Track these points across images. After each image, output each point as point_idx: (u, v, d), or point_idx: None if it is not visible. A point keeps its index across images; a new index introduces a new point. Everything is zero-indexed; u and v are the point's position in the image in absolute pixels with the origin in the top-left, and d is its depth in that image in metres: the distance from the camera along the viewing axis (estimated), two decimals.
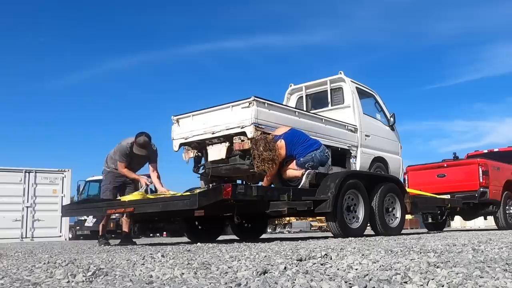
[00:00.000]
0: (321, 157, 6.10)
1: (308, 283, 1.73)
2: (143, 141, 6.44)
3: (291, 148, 5.96)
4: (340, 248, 3.55)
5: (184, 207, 5.12)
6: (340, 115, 7.50)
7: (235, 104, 6.04)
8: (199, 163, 6.75)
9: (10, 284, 1.95)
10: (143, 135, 6.48)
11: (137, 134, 6.53)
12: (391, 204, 6.96)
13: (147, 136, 6.48)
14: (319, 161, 6.08)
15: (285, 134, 6.00)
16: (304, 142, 6.03)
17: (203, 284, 1.81)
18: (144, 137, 6.44)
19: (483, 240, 4.54)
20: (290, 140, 5.96)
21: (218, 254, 3.34)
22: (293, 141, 5.97)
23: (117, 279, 2.03)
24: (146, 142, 6.46)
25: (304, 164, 5.97)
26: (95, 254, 3.96)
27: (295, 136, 6.04)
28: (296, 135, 6.07)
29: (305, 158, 5.97)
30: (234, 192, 4.96)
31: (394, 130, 8.37)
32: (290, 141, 5.95)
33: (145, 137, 6.46)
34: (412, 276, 1.81)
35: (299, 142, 6.01)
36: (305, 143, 6.03)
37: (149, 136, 6.53)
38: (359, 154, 7.37)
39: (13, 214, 16.16)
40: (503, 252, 2.84)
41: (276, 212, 5.72)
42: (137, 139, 6.44)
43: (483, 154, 12.19)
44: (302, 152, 5.98)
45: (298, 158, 5.99)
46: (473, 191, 9.79)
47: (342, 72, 7.76)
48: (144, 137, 6.45)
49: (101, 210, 6.20)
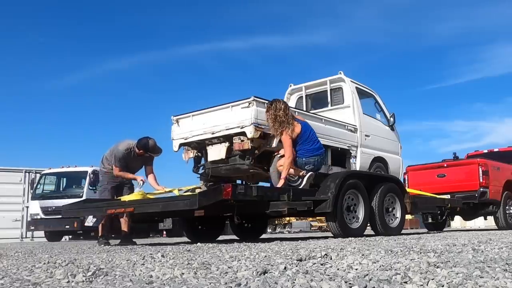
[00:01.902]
0: (320, 164, 6.12)
1: (308, 283, 1.73)
2: (154, 143, 6.67)
3: (300, 140, 5.91)
4: (340, 248, 3.54)
5: (184, 207, 5.12)
6: (340, 115, 7.49)
7: (235, 104, 6.04)
8: (199, 163, 6.75)
9: (10, 284, 1.95)
10: (149, 139, 6.65)
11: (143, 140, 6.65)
12: (391, 204, 6.96)
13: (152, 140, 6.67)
14: (318, 167, 6.09)
15: (303, 122, 6.03)
16: (314, 143, 5.98)
17: (203, 284, 1.81)
18: (152, 140, 6.65)
19: (483, 240, 4.54)
20: (304, 131, 5.92)
21: (218, 254, 3.34)
22: (303, 135, 5.92)
23: (117, 279, 2.03)
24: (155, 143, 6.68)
25: (304, 166, 5.94)
26: (95, 254, 3.96)
27: (307, 131, 5.99)
28: (308, 130, 6.00)
29: (308, 159, 5.92)
30: (234, 192, 4.95)
31: (394, 130, 8.36)
32: (304, 132, 5.91)
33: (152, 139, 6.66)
34: (412, 276, 1.81)
35: (308, 139, 5.95)
36: (314, 144, 5.98)
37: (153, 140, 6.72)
38: (359, 154, 7.36)
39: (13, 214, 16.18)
40: (503, 252, 2.84)
41: (276, 212, 5.71)
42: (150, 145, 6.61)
43: (483, 154, 12.19)
44: (307, 152, 5.92)
45: (301, 156, 5.92)
46: (473, 191, 9.78)
47: (342, 72, 7.76)
48: (152, 140, 6.65)
49: (101, 210, 6.20)
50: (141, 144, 6.61)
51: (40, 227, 14.86)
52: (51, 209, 14.29)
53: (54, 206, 14.18)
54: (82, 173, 15.00)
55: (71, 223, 13.91)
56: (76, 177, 15.35)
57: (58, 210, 13.85)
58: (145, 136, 6.68)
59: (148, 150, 6.62)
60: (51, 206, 14.30)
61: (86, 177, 14.71)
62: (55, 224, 14.21)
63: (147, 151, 6.62)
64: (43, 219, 14.53)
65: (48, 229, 14.81)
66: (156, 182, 6.82)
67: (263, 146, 6.09)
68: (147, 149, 6.61)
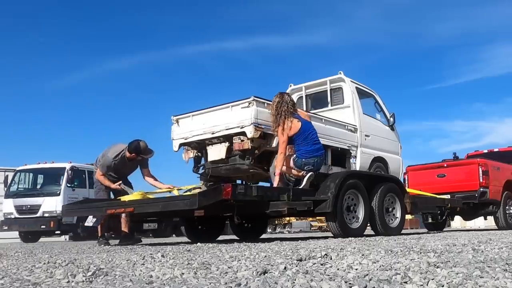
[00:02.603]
0: (320, 165, 6.08)
1: (308, 283, 1.73)
2: (145, 145, 6.66)
3: (299, 139, 5.89)
4: (340, 248, 3.55)
5: (184, 207, 5.13)
6: (340, 115, 7.49)
7: (235, 104, 6.04)
8: (199, 163, 6.75)
9: (10, 284, 1.95)
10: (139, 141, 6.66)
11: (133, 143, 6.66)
12: (391, 204, 6.96)
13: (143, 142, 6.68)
14: (317, 168, 6.05)
15: (305, 121, 6.01)
16: (313, 144, 5.94)
17: (203, 284, 1.81)
18: (142, 142, 6.65)
19: (483, 240, 4.54)
20: (304, 130, 5.89)
21: (218, 254, 3.34)
22: (302, 134, 5.89)
23: (117, 279, 2.03)
24: (146, 145, 6.68)
25: (303, 166, 5.90)
26: (95, 254, 3.96)
27: (307, 130, 5.93)
28: (308, 130, 5.95)
29: (308, 160, 5.87)
30: (234, 192, 4.96)
31: (394, 130, 8.36)
32: (303, 131, 5.88)
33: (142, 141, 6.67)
34: (412, 276, 1.81)
35: (308, 139, 5.90)
36: (314, 145, 5.93)
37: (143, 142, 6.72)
38: (359, 154, 7.36)
39: None
40: (503, 252, 2.84)
41: (276, 212, 5.71)
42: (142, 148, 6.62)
43: (483, 154, 12.19)
44: (306, 153, 5.87)
45: (300, 157, 5.88)
46: (473, 191, 9.78)
47: (342, 72, 7.75)
48: (143, 142, 6.66)
49: (101, 210, 6.20)
50: (132, 148, 6.63)
51: (14, 227, 14.04)
52: (26, 207, 13.79)
53: (29, 204, 13.76)
54: (60, 169, 14.21)
55: (47, 222, 13.45)
56: (53, 174, 14.53)
57: (34, 209, 13.64)
58: (135, 139, 6.71)
59: (140, 152, 6.65)
60: (26, 205, 13.81)
61: (64, 174, 13.98)
62: (30, 224, 13.63)
63: (139, 153, 6.65)
64: (17, 219, 13.84)
65: (22, 229, 14.11)
66: (158, 181, 6.84)
67: (263, 146, 6.08)
68: (139, 152, 6.64)
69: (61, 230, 14.35)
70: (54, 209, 13.51)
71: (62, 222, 13.57)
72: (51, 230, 13.87)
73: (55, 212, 13.47)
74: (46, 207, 13.68)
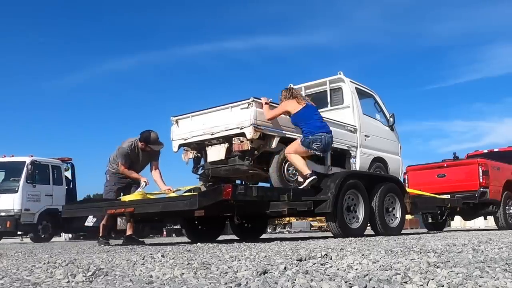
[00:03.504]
0: (328, 142, 5.94)
1: (308, 283, 1.73)
2: (156, 136, 6.65)
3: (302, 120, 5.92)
4: (340, 248, 3.55)
5: (184, 208, 5.13)
6: (340, 115, 7.49)
7: (234, 105, 6.04)
8: (198, 164, 6.75)
9: (10, 284, 1.96)
10: (151, 132, 6.65)
11: (145, 133, 6.66)
12: (391, 204, 6.97)
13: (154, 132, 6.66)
14: (325, 145, 5.90)
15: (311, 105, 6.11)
16: (317, 121, 5.95)
17: (203, 284, 1.81)
18: (154, 133, 6.65)
19: (483, 240, 4.54)
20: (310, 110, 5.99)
21: (218, 254, 3.34)
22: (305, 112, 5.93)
23: (117, 279, 2.03)
24: (157, 136, 6.67)
25: (310, 144, 5.76)
26: (95, 254, 3.96)
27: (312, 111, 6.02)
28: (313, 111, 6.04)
29: (314, 137, 5.78)
30: (234, 192, 4.96)
31: (394, 130, 8.36)
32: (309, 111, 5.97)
33: (154, 132, 6.66)
34: (412, 276, 1.81)
35: (314, 119, 5.93)
36: (317, 121, 5.94)
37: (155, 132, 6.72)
38: (359, 155, 7.36)
39: None
40: (503, 252, 2.84)
41: (276, 212, 5.71)
42: (152, 138, 6.60)
43: (483, 154, 12.19)
44: (312, 129, 5.81)
45: (307, 135, 5.80)
46: (473, 191, 9.79)
47: (342, 72, 7.76)
48: (154, 133, 6.65)
49: (101, 210, 6.20)
50: (143, 136, 6.63)
51: None
52: None
53: None
54: (19, 163, 12.82)
55: (3, 222, 12.17)
56: (12, 169, 13.12)
57: None
58: (148, 129, 6.69)
59: (149, 142, 6.60)
60: None
61: (23, 169, 12.64)
62: None
63: (147, 143, 6.60)
64: None
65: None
66: (162, 180, 6.75)
67: (262, 147, 6.08)
68: (148, 141, 6.59)
69: (20, 231, 13.27)
70: (11, 207, 12.33)
71: (21, 222, 12.41)
72: (7, 230, 12.55)
73: (12, 211, 12.34)
74: (2, 206, 12.35)
